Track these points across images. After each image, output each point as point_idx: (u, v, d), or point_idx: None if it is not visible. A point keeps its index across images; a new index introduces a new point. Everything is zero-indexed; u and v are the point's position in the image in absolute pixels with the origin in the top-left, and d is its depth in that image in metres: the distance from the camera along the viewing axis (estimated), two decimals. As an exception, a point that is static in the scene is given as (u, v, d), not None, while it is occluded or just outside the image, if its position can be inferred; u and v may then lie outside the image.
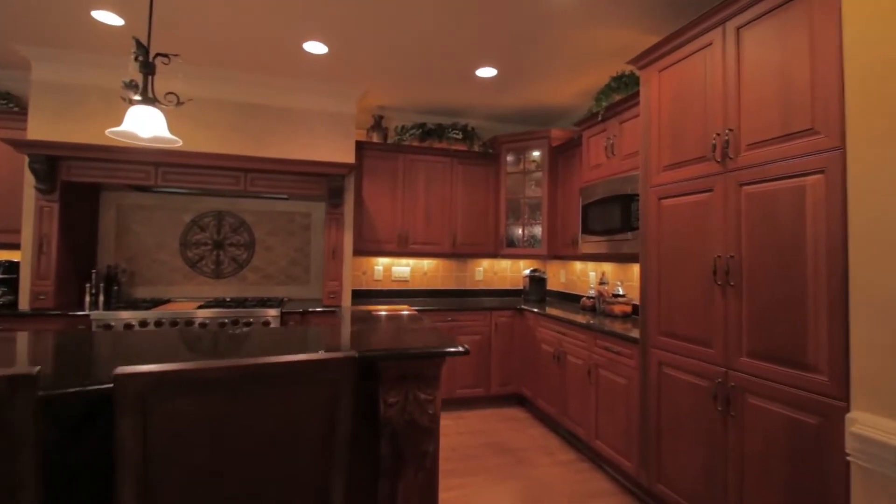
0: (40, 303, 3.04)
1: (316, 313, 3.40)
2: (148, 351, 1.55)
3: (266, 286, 3.92)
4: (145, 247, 3.68)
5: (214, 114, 3.38)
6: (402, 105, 4.05)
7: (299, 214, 4.01)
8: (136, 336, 1.91)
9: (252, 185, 3.40)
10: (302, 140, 3.53)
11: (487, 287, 4.48)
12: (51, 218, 3.08)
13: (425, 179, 4.01)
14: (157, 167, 3.22)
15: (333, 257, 3.56)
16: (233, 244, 3.86)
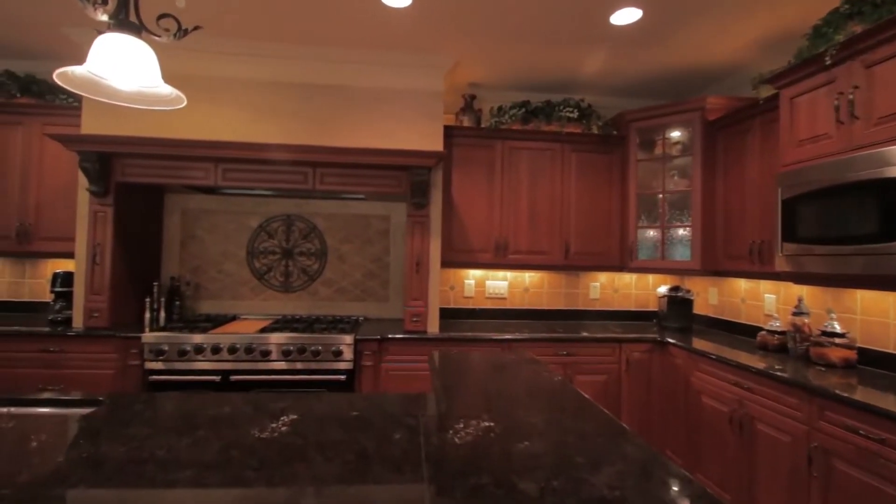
0: (94, 321, 2.68)
1: (397, 342, 2.71)
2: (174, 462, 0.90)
3: (339, 302, 3.32)
4: (210, 256, 3.26)
5: (276, 99, 2.83)
6: (500, 80, 3.25)
7: (377, 218, 3.37)
8: (168, 417, 1.29)
9: (322, 183, 2.80)
10: (378, 126, 2.87)
11: (605, 308, 3.52)
12: (105, 224, 2.71)
13: (529, 171, 3.17)
14: (216, 164, 2.73)
15: (417, 270, 2.85)
16: (303, 253, 3.31)
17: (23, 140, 2.90)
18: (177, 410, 1.34)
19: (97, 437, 1.03)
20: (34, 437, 1.05)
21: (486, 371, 1.35)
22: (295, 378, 2.57)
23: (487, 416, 1.05)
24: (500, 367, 1.42)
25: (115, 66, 0.90)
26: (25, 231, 2.86)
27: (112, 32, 0.92)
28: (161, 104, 1.05)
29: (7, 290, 3.17)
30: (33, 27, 2.66)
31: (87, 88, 0.96)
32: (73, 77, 0.93)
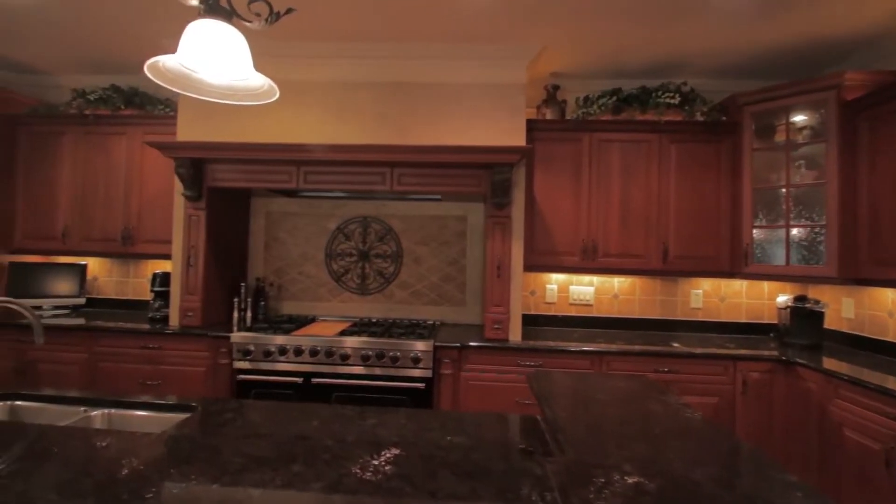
0: (188, 320, 2.79)
1: (477, 350, 2.55)
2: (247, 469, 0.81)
3: (414, 306, 3.24)
4: (292, 258, 3.31)
5: (354, 99, 2.79)
6: (586, 67, 2.98)
7: (453, 219, 3.24)
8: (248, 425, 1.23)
9: (400, 184, 2.71)
10: (456, 123, 2.73)
11: (709, 319, 3.11)
12: (198, 227, 2.82)
13: (621, 166, 2.87)
14: (298, 166, 2.74)
15: (499, 274, 2.67)
16: (379, 255, 3.27)
17: (127, 149, 3.11)
18: (267, 429, 1.27)
19: (188, 465, 0.96)
20: (125, 461, 1.01)
21: (605, 400, 1.14)
22: (374, 384, 2.50)
23: (630, 466, 0.85)
24: (621, 395, 1.20)
25: (207, 56, 0.82)
26: (129, 234, 3.07)
27: (203, 19, 0.84)
28: (251, 99, 0.97)
29: (114, 289, 3.44)
30: (135, 41, 2.83)
31: (178, 82, 0.90)
32: (164, 69, 0.87)
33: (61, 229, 3.12)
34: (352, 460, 1.01)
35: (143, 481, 0.87)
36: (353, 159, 2.65)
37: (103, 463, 0.93)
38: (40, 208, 3.15)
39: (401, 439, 1.21)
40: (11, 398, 1.53)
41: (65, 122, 3.14)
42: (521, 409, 2.50)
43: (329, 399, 2.54)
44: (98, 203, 3.10)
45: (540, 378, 1.30)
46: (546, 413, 1.07)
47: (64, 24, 2.64)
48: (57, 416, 1.47)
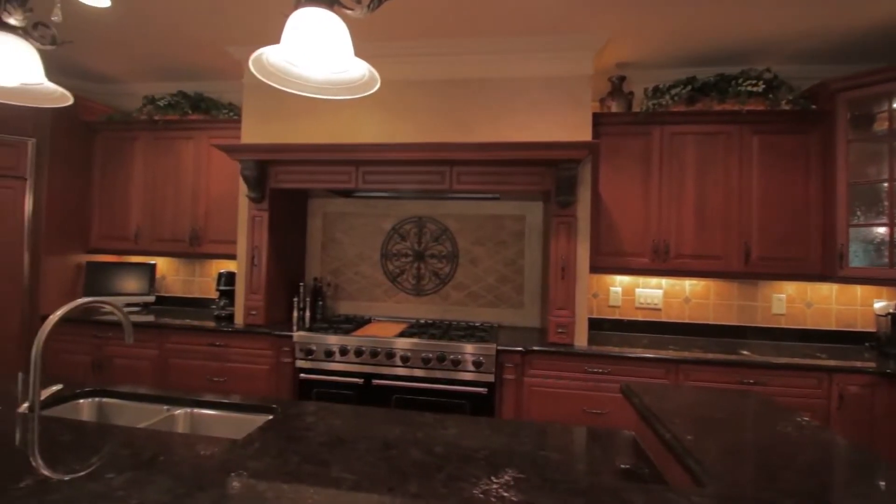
0: (252, 319, 2.85)
1: (541, 355, 2.45)
2: None
3: (470, 307, 3.16)
4: (348, 258, 3.32)
5: (413, 98, 2.75)
6: (655, 56, 2.81)
7: (511, 219, 3.14)
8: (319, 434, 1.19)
9: (458, 182, 2.64)
10: (517, 118, 2.64)
11: (794, 326, 2.85)
12: (261, 228, 2.87)
13: (696, 160, 2.68)
14: (357, 167, 2.73)
15: (563, 276, 2.55)
16: (434, 255, 3.22)
17: (194, 152, 3.22)
18: (351, 435, 1.23)
19: (298, 481, 0.92)
20: (234, 473, 0.99)
21: (727, 420, 1.01)
22: (434, 387, 2.45)
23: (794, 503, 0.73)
24: (743, 414, 1.07)
25: (309, 46, 0.78)
26: (196, 235, 3.17)
27: (304, 7, 0.80)
28: (347, 92, 0.92)
29: (181, 287, 3.58)
30: (202, 48, 2.91)
31: (275, 77, 0.87)
32: (266, 63, 0.84)
33: (134, 230, 3.27)
34: (468, 481, 0.93)
35: (261, 500, 0.83)
36: (412, 158, 2.61)
37: (212, 475, 0.90)
38: (114, 210, 3.32)
39: (491, 452, 1.13)
40: (98, 395, 1.58)
41: (136, 128, 3.29)
42: (590, 419, 2.37)
43: (389, 401, 2.51)
44: (167, 205, 3.23)
45: (641, 392, 1.19)
46: (662, 433, 0.96)
47: (134, 35, 2.75)
48: (141, 414, 1.50)
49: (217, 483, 0.89)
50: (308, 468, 0.98)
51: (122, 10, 2.46)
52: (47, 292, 3.09)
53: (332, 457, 1.06)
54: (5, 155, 2.96)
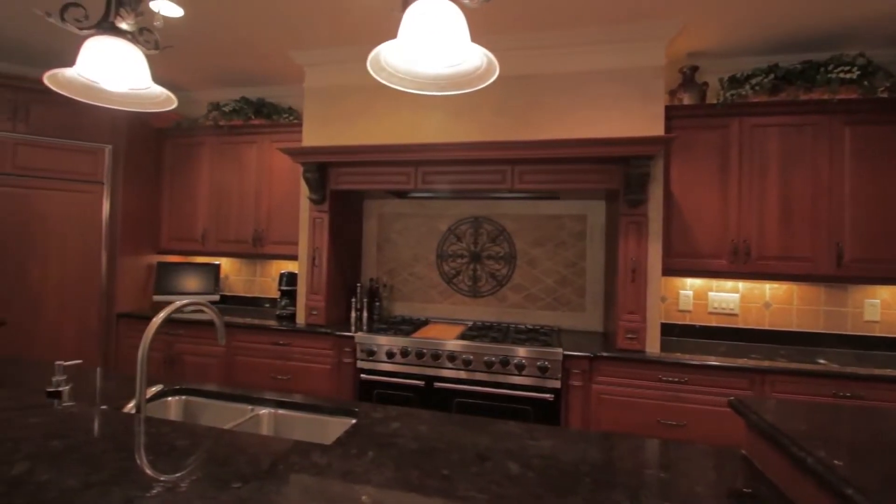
0: (313, 318, 2.89)
1: (610, 362, 2.34)
2: None
3: (528, 310, 3.08)
4: (403, 259, 3.31)
5: (473, 96, 2.69)
6: (731, 44, 2.63)
7: (571, 218, 3.03)
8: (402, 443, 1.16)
9: (521, 182, 2.57)
10: (582, 114, 2.53)
11: (890, 334, 2.60)
12: (322, 230, 2.90)
13: (780, 154, 2.48)
14: (416, 167, 2.72)
15: (633, 279, 2.42)
16: (491, 257, 3.16)
17: (256, 156, 3.30)
18: (442, 443, 1.19)
19: (426, 496, 0.89)
20: (359, 487, 0.97)
21: (877, 441, 0.90)
22: (497, 392, 2.39)
23: None
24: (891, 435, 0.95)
25: (427, 39, 0.74)
26: (259, 236, 3.25)
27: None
28: (464, 86, 0.88)
29: (243, 287, 3.69)
30: (265, 55, 2.98)
31: (394, 78, 0.84)
32: (386, 65, 0.81)
33: (200, 232, 3.40)
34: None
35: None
36: (472, 158, 2.56)
37: (337, 486, 0.88)
38: (183, 213, 3.46)
39: (593, 467, 1.06)
40: (183, 393, 1.62)
41: (203, 134, 3.42)
42: (666, 432, 2.24)
43: (450, 404, 2.47)
44: (232, 207, 3.33)
45: (756, 407, 1.09)
46: (801, 456, 0.86)
47: (202, 43, 2.85)
48: (226, 413, 1.52)
49: (350, 498, 0.86)
50: (432, 483, 0.94)
51: (190, 20, 2.55)
52: (122, 291, 3.25)
53: (435, 468, 1.02)
54: (85, 161, 3.14)
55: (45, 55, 3.13)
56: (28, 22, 2.65)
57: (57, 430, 0.97)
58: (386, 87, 2.84)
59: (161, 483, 0.83)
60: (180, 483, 0.84)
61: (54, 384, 1.09)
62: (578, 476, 1.02)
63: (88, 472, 0.81)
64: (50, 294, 3.02)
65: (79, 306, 3.10)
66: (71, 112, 3.07)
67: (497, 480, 0.98)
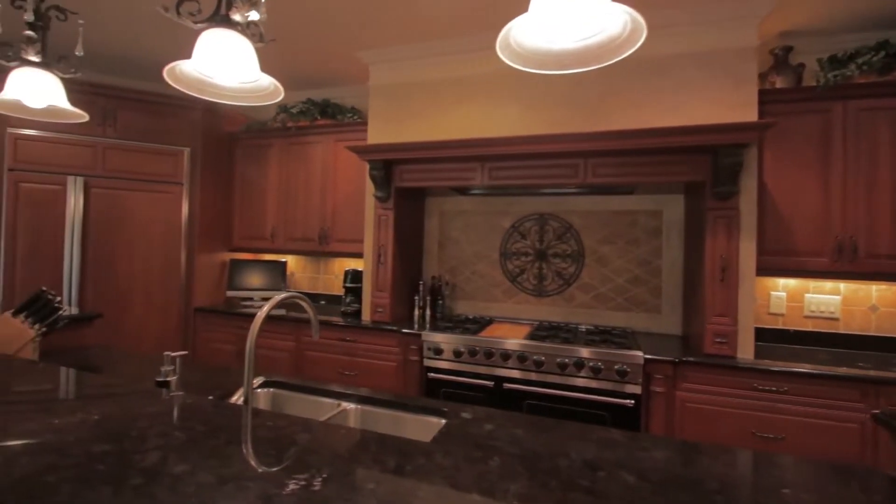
0: (378, 316, 2.90)
1: (697, 368, 2.17)
2: None
3: (598, 310, 2.94)
4: (465, 257, 3.27)
5: (542, 88, 2.61)
6: (832, 19, 2.38)
7: (645, 214, 2.87)
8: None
9: (593, 176, 2.46)
10: (663, 102, 2.38)
11: None
12: (387, 227, 2.91)
13: (893, 141, 2.22)
14: (483, 163, 2.66)
15: (722, 278, 2.24)
16: (557, 255, 3.04)
17: (322, 156, 3.37)
18: (545, 449, 1.12)
19: None
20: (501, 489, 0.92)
21: None
22: (571, 395, 2.28)
23: None
24: None
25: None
26: (325, 234, 3.32)
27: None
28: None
29: (307, 284, 3.78)
30: (332, 56, 3.03)
31: (531, 60, 0.79)
32: (518, 48, 0.76)
33: (270, 230, 3.51)
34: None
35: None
36: (542, 151, 2.47)
37: (472, 491, 0.84)
38: (253, 212, 3.59)
39: (722, 485, 0.96)
40: (270, 386, 1.64)
41: (271, 136, 3.53)
42: (762, 445, 2.05)
43: (520, 406, 2.39)
44: (298, 206, 3.42)
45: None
46: None
47: (270, 47, 2.93)
48: (314, 407, 1.53)
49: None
50: (577, 497, 0.87)
51: (262, 24, 2.62)
52: (199, 287, 3.42)
53: (545, 476, 0.96)
54: (166, 163, 3.32)
55: (133, 65, 3.33)
56: (128, 36, 2.83)
57: (177, 421, 0.98)
58: (451, 82, 2.81)
59: (294, 480, 0.81)
60: (313, 481, 0.82)
61: (163, 374, 1.12)
62: (707, 494, 0.92)
63: (218, 465, 0.81)
64: (136, 289, 3.22)
65: (161, 300, 3.28)
66: (153, 117, 3.26)
67: (618, 494, 0.90)
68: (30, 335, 1.58)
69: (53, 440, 0.81)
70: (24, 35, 1.23)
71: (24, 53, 1.22)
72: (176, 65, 0.96)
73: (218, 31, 0.95)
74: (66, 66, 1.32)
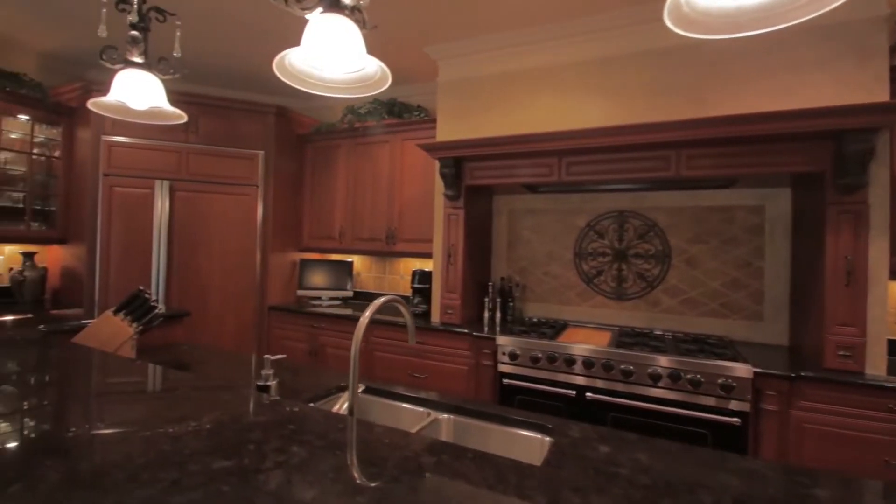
0: (448, 317, 2.82)
1: (817, 384, 1.90)
2: None
3: (686, 316, 2.69)
4: (536, 257, 3.12)
5: (626, 75, 2.42)
6: None
7: (744, 210, 2.59)
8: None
9: (688, 168, 2.23)
10: (770, 83, 2.12)
11: None
12: (457, 226, 2.82)
13: None
14: (560, 158, 2.51)
15: (847, 282, 1.95)
16: (639, 255, 2.82)
17: (389, 155, 3.35)
18: (677, 478, 0.97)
19: None
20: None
21: None
22: (664, 409, 2.08)
23: None
24: None
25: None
26: (392, 234, 3.29)
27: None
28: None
29: (373, 284, 3.78)
30: (400, 53, 2.99)
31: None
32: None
33: (338, 230, 3.54)
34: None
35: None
36: (628, 143, 2.28)
37: None
38: (322, 213, 3.64)
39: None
40: (346, 390, 1.59)
41: (339, 137, 3.56)
42: (904, 476, 1.76)
43: (603, 418, 2.22)
44: (366, 206, 3.42)
45: None
46: None
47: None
48: (402, 415, 1.46)
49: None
50: None
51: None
52: (272, 286, 3.51)
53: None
54: (243, 167, 3.44)
55: (212, 72, 3.48)
56: (209, 45, 2.95)
57: (290, 433, 0.91)
58: (524, 74, 2.68)
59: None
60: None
61: (263, 377, 1.09)
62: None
63: (353, 493, 0.72)
64: (214, 287, 3.35)
65: (238, 299, 3.40)
66: (231, 122, 3.38)
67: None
68: (129, 333, 1.64)
69: (171, 452, 0.78)
70: (129, 36, 1.26)
71: (128, 55, 1.25)
72: (285, 54, 0.92)
73: (328, 15, 0.89)
74: (165, 67, 1.36)
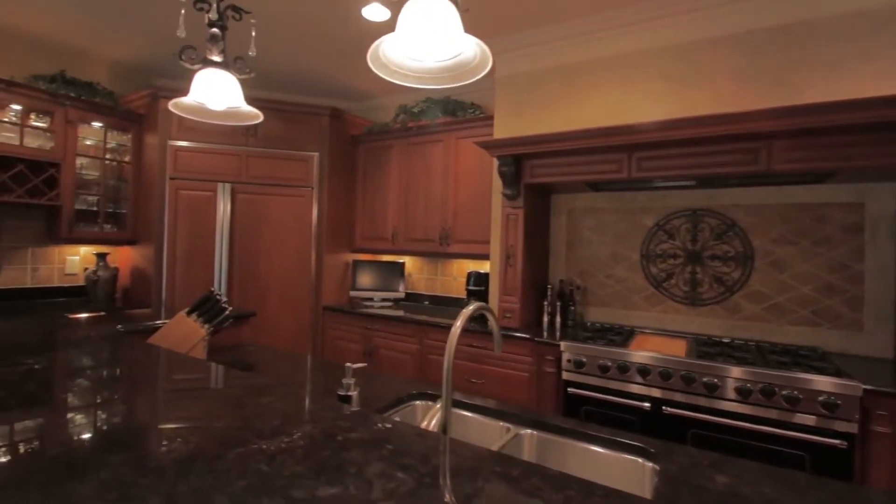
0: (506, 321, 2.72)
1: (948, 405, 1.65)
2: None
3: (772, 324, 2.45)
4: (598, 259, 2.95)
5: (705, 61, 2.24)
6: None
7: (839, 207, 2.32)
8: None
9: (778, 162, 2.02)
10: (870, 66, 1.91)
11: None
12: (516, 227, 2.71)
13: None
14: (630, 153, 2.34)
15: (983, 290, 1.69)
16: (716, 257, 2.61)
17: (442, 154, 3.28)
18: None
19: None
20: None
21: None
22: (756, 428, 1.88)
23: None
24: None
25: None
26: (446, 235, 3.22)
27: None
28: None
29: (424, 285, 3.74)
30: (459, 48, 2.91)
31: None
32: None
33: (391, 231, 3.52)
34: None
35: None
36: (708, 135, 2.09)
37: None
38: (374, 213, 3.63)
39: None
40: (424, 398, 1.52)
41: (392, 137, 3.54)
42: None
43: (683, 435, 2.04)
44: (419, 206, 3.37)
45: None
46: None
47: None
48: (484, 430, 1.37)
49: None
50: None
51: (390, 25, 2.58)
52: (326, 287, 3.53)
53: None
54: (299, 169, 3.48)
55: (271, 76, 3.54)
56: (278, 53, 3.00)
57: (389, 454, 0.84)
58: (588, 65, 2.53)
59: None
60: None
61: (344, 387, 1.04)
62: None
63: None
64: (272, 287, 3.41)
65: (294, 299, 3.44)
66: (287, 125, 3.43)
67: None
68: (201, 334, 1.65)
69: (271, 475, 0.72)
70: (209, 34, 1.26)
71: (207, 53, 1.25)
72: (380, 43, 0.85)
73: (423, 1, 0.82)
74: (242, 66, 1.35)
